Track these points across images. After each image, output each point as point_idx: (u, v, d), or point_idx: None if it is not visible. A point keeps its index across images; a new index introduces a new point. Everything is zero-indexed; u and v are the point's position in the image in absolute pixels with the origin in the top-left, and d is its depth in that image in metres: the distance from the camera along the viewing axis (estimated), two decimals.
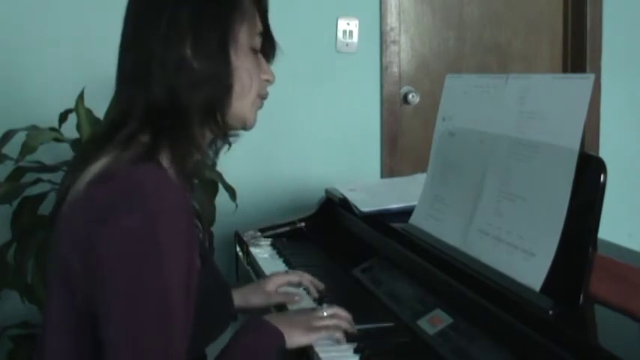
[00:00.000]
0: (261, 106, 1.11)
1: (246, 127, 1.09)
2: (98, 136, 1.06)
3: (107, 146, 0.99)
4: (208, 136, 1.07)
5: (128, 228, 0.88)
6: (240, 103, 1.05)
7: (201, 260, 1.00)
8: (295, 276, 1.43)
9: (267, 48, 1.11)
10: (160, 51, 0.98)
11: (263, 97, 1.10)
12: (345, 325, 1.18)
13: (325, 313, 1.19)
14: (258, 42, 1.07)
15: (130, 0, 1.04)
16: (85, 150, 1.05)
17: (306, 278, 1.42)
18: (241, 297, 1.36)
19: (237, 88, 1.03)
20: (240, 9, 1.03)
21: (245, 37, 1.04)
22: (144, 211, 0.88)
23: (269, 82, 1.11)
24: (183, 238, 0.91)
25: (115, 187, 0.92)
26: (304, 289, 1.42)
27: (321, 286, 1.41)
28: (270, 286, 1.39)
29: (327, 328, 1.16)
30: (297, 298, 1.37)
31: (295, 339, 1.12)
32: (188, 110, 0.99)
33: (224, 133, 1.08)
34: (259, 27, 1.08)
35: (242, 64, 1.03)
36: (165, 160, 0.98)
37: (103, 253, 0.88)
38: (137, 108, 1.00)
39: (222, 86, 1.01)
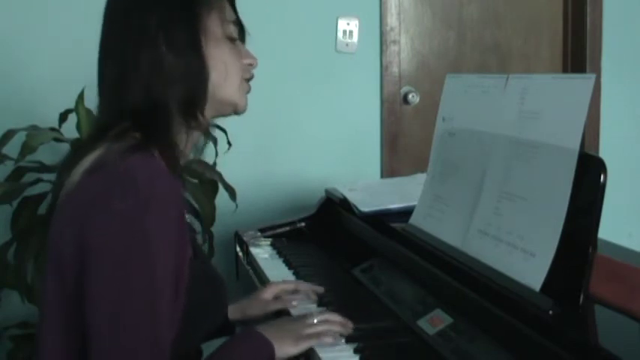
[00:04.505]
0: (249, 90, 1.13)
1: (237, 111, 1.12)
2: (90, 135, 1.08)
3: (99, 142, 1.00)
4: (194, 134, 1.08)
5: (118, 213, 0.89)
6: (224, 91, 1.07)
7: (193, 251, 1.01)
8: (291, 284, 1.40)
9: (238, 33, 1.14)
10: (133, 54, 1.00)
11: (248, 79, 1.13)
12: (337, 328, 1.16)
13: (316, 320, 1.17)
14: (232, 30, 1.09)
15: (105, 7, 1.06)
16: (78, 148, 1.07)
17: (303, 285, 1.39)
18: (238, 310, 1.35)
19: (215, 78, 1.05)
20: (206, 1, 1.05)
21: (216, 28, 1.06)
22: (135, 198, 0.89)
23: (252, 65, 1.13)
24: (173, 226, 0.92)
25: (108, 176, 0.93)
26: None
27: (321, 289, 1.38)
28: (266, 294, 1.37)
29: (317, 335, 1.14)
30: (294, 303, 1.33)
31: (285, 349, 1.10)
32: (168, 107, 1.01)
33: (206, 126, 1.10)
34: (231, 15, 1.10)
35: (216, 54, 1.05)
36: (156, 154, 0.99)
37: (92, 237, 0.90)
38: (123, 112, 1.01)
39: (197, 79, 1.03)
